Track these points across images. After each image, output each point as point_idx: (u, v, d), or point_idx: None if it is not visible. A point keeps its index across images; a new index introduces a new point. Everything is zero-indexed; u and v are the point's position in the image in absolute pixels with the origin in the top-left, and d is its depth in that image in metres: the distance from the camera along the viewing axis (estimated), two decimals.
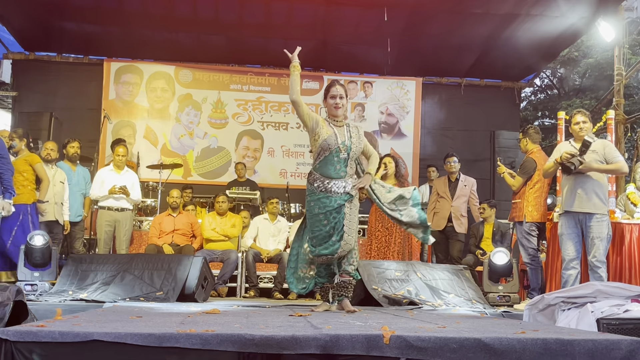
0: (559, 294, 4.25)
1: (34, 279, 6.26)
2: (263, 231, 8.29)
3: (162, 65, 11.27)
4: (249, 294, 7.84)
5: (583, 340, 2.74)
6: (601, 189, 5.83)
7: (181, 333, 2.64)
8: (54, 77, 10.98)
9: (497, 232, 8.00)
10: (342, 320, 3.68)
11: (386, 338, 2.69)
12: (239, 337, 2.64)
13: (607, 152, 5.82)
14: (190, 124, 11.24)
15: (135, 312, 3.97)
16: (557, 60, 17.61)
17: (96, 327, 2.82)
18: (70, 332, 2.62)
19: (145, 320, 3.36)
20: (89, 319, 3.35)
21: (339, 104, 4.85)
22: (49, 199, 7.24)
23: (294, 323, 3.37)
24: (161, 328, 2.82)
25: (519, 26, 9.24)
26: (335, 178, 4.74)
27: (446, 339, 2.70)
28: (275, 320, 3.55)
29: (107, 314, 3.77)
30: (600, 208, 5.80)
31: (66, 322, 3.06)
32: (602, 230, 5.75)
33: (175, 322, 3.26)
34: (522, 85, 12.07)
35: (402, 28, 9.52)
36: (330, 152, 4.73)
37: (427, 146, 11.39)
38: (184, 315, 3.78)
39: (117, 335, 2.62)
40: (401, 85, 11.59)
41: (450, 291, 6.01)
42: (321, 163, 4.77)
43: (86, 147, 8.84)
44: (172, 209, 8.28)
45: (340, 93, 4.87)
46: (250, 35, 10.15)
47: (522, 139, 6.83)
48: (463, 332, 2.91)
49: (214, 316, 3.80)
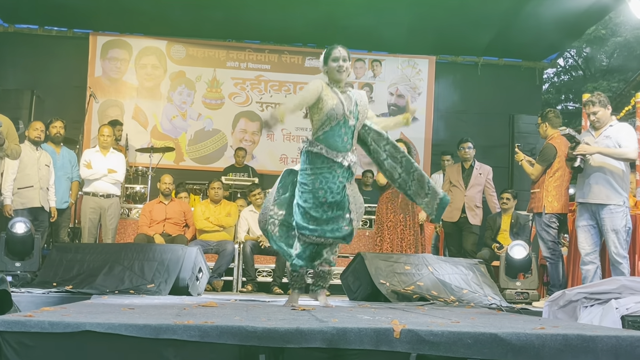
0: (581, 289, 4.32)
1: (15, 269, 6.35)
2: (254, 223, 8.31)
3: (152, 40, 11.31)
4: (246, 288, 7.93)
5: (606, 337, 2.81)
6: (615, 178, 5.90)
7: (179, 324, 2.71)
8: (35, 52, 10.97)
9: (516, 224, 8.04)
10: (349, 314, 3.75)
11: (396, 332, 2.75)
12: (240, 329, 2.71)
13: (619, 137, 5.89)
14: (183, 104, 11.29)
15: (127, 305, 4.04)
16: (583, 39, 17.61)
17: (87, 317, 2.89)
18: (60, 322, 2.69)
19: (138, 312, 3.43)
20: (79, 310, 3.42)
21: (343, 66, 4.68)
22: (34, 184, 7.29)
23: (298, 316, 3.44)
24: (157, 319, 2.89)
25: (540, 1, 9.26)
26: (342, 151, 4.62)
27: (460, 333, 2.76)
28: (277, 313, 3.62)
29: (97, 306, 3.84)
30: (613, 198, 5.86)
31: (55, 313, 3.13)
32: (616, 222, 5.82)
33: (170, 314, 3.33)
34: (544, 65, 12.13)
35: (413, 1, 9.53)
36: (338, 122, 4.60)
37: (440, 131, 11.44)
38: (179, 308, 3.85)
39: (110, 326, 2.69)
40: (413, 64, 11.64)
41: (464, 287, 6.07)
42: (326, 134, 4.61)
43: (70, 128, 8.84)
44: (164, 196, 8.37)
45: (344, 55, 4.70)
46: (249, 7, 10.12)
47: (541, 123, 6.88)
48: (478, 327, 2.98)
49: (212, 309, 3.87)
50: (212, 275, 7.61)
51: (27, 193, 7.31)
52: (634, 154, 5.92)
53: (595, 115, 6.00)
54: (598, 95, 6.13)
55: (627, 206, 5.92)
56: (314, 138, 4.66)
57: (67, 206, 7.98)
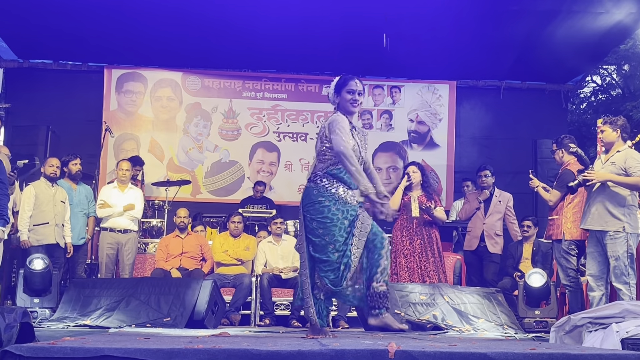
0: (585, 314, 4.66)
1: (34, 306, 6.81)
2: (271, 255, 8.72)
3: (167, 72, 11.77)
4: (264, 322, 8.21)
5: (590, 355, 3.17)
6: (617, 204, 6.22)
7: (189, 348, 3.12)
8: (50, 87, 11.45)
9: (538, 251, 8.31)
10: (354, 340, 4.14)
11: (391, 353, 3.14)
12: (246, 352, 3.11)
13: (627, 164, 6.22)
14: (199, 136, 11.74)
15: (143, 335, 4.47)
16: (620, 55, 17.78)
17: (105, 344, 3.33)
18: (81, 348, 3.12)
19: (153, 340, 3.86)
20: (97, 339, 3.86)
21: (358, 100, 4.94)
22: (49, 221, 7.78)
23: (303, 342, 3.84)
24: (169, 345, 3.31)
25: (560, 23, 9.64)
26: (354, 189, 4.90)
27: (451, 353, 3.14)
28: (285, 341, 4.02)
29: (114, 336, 4.28)
30: (613, 225, 6.20)
31: (75, 342, 3.57)
32: (616, 248, 6.15)
33: (183, 342, 3.74)
34: (570, 88, 12.42)
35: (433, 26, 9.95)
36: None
37: (462, 157, 11.78)
38: (192, 337, 4.27)
39: (126, 351, 3.11)
40: (433, 89, 12.02)
41: (480, 316, 6.41)
42: (343, 171, 4.86)
43: (86, 163, 9.20)
44: (180, 230, 8.75)
45: (359, 89, 4.93)
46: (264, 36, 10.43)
47: (556, 150, 7.23)
48: (471, 349, 3.35)
49: (223, 337, 4.29)
50: (229, 309, 7.96)
51: (43, 230, 7.78)
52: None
53: (602, 134, 6.38)
54: (615, 118, 6.48)
55: (629, 232, 6.18)
56: (336, 170, 4.88)
57: (84, 242, 8.43)
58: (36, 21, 10.11)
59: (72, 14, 9.85)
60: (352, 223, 4.85)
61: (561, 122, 12.28)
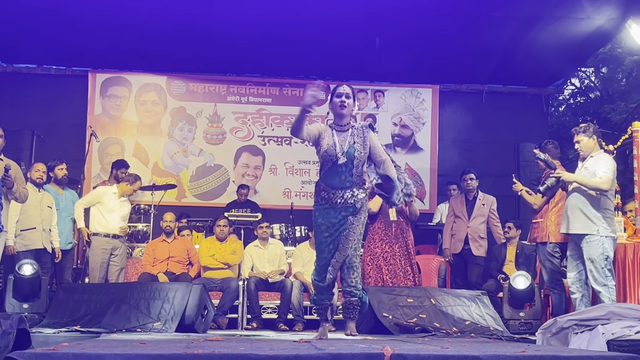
0: (571, 316, 4.79)
1: (23, 311, 6.81)
2: (258, 259, 8.80)
3: (152, 76, 11.80)
4: (251, 326, 8.30)
5: (579, 357, 3.29)
6: (589, 207, 6.37)
7: (189, 354, 3.20)
8: (34, 91, 11.40)
9: (521, 254, 8.43)
10: (346, 343, 4.23)
11: (387, 357, 3.23)
12: (245, 357, 3.19)
13: (596, 167, 6.40)
14: (184, 140, 11.77)
15: (137, 340, 4.53)
16: (599, 58, 17.97)
17: (105, 350, 3.38)
18: (83, 354, 3.18)
19: (150, 346, 3.92)
20: (95, 345, 3.91)
21: (345, 102, 5.33)
22: (37, 226, 7.79)
23: (298, 346, 3.92)
24: (168, 351, 3.38)
25: (542, 28, 9.80)
26: (341, 188, 5.27)
27: (445, 356, 3.25)
28: (279, 344, 4.10)
29: (110, 342, 4.33)
30: (587, 228, 6.36)
31: (75, 347, 3.62)
32: (592, 251, 6.31)
33: (180, 347, 3.81)
34: (551, 92, 12.60)
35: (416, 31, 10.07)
36: (333, 163, 5.27)
37: (445, 161, 11.90)
38: (188, 342, 4.34)
39: (128, 357, 3.18)
40: (416, 93, 12.13)
41: (466, 318, 6.52)
42: (326, 173, 5.34)
43: (71, 168, 9.22)
44: (166, 234, 8.80)
45: (347, 92, 5.36)
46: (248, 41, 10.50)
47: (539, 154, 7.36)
48: (463, 351, 3.45)
49: (218, 342, 4.36)
50: (216, 312, 7.99)
51: (30, 235, 7.79)
52: (605, 184, 6.31)
53: (579, 145, 6.52)
54: (586, 125, 6.65)
55: (604, 235, 6.33)
56: (320, 178, 5.42)
57: (71, 247, 8.47)
58: (19, 25, 10.10)
59: (55, 18, 9.85)
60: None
61: (542, 126, 12.46)
